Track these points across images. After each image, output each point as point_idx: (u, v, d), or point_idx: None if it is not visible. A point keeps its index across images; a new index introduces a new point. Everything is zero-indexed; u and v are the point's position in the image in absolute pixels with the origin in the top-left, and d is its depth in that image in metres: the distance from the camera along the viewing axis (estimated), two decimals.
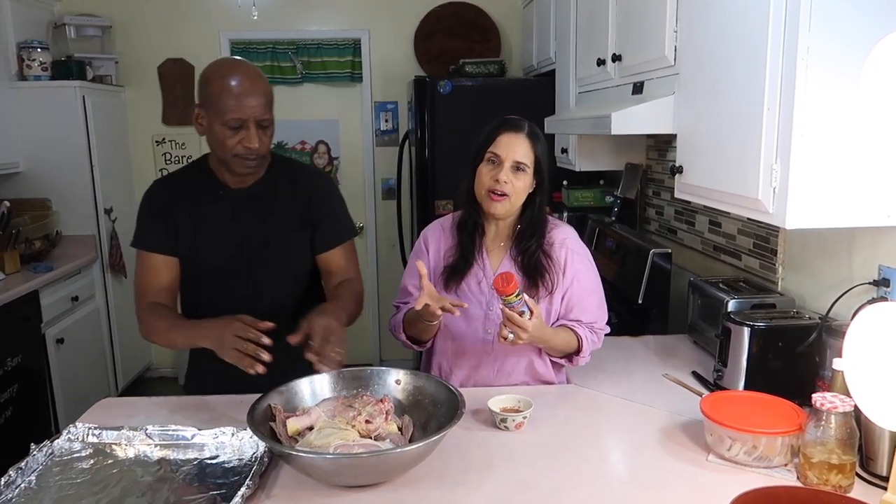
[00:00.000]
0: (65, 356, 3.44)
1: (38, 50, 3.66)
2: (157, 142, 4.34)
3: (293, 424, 1.38)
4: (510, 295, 1.52)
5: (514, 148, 1.67)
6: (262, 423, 1.36)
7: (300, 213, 1.75)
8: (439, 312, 1.57)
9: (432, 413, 1.45)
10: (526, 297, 1.57)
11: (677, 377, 1.85)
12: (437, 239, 1.83)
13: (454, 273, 1.76)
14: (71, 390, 3.47)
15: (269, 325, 1.46)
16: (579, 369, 1.85)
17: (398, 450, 1.30)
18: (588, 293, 1.77)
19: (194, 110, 1.65)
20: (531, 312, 1.56)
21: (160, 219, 1.71)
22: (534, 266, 1.72)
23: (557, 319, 1.76)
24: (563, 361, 1.81)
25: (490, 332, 1.74)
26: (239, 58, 1.68)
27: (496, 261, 1.78)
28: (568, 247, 1.77)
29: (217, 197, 1.72)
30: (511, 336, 1.56)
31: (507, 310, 1.53)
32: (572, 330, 1.74)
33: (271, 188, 1.73)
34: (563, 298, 1.75)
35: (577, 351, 1.75)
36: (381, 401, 1.45)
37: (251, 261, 1.72)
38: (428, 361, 1.89)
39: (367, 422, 1.38)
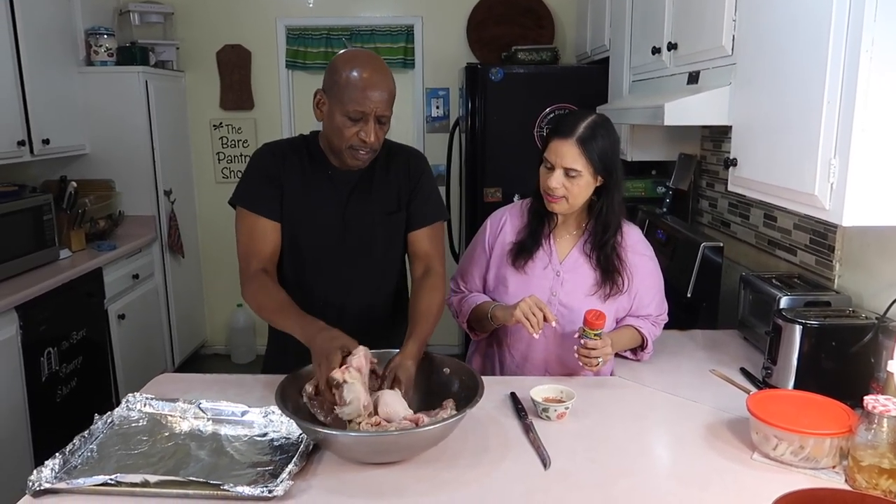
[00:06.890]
0: (125, 331, 3.59)
1: (105, 36, 3.78)
2: (214, 126, 4.45)
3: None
4: (597, 329, 1.64)
5: (563, 155, 1.66)
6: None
7: (396, 194, 1.75)
8: (536, 335, 1.64)
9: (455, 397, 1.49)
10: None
11: (725, 373, 1.82)
12: (500, 220, 1.87)
13: (521, 251, 1.79)
14: (131, 364, 3.62)
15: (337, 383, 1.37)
16: (624, 361, 1.88)
17: (413, 430, 1.34)
18: (654, 290, 1.86)
19: (316, 95, 1.64)
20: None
21: (272, 183, 1.70)
22: (610, 263, 1.76)
23: (626, 316, 1.84)
24: (629, 355, 1.88)
25: (555, 324, 1.75)
26: (371, 52, 1.67)
27: (564, 249, 1.81)
28: (637, 251, 1.82)
29: (325, 177, 1.72)
30: (600, 360, 1.67)
31: (588, 341, 1.65)
32: (636, 329, 1.82)
33: (371, 172, 1.73)
34: (634, 297, 1.82)
35: (643, 346, 1.85)
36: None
37: (349, 245, 1.73)
38: (484, 341, 1.92)
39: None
